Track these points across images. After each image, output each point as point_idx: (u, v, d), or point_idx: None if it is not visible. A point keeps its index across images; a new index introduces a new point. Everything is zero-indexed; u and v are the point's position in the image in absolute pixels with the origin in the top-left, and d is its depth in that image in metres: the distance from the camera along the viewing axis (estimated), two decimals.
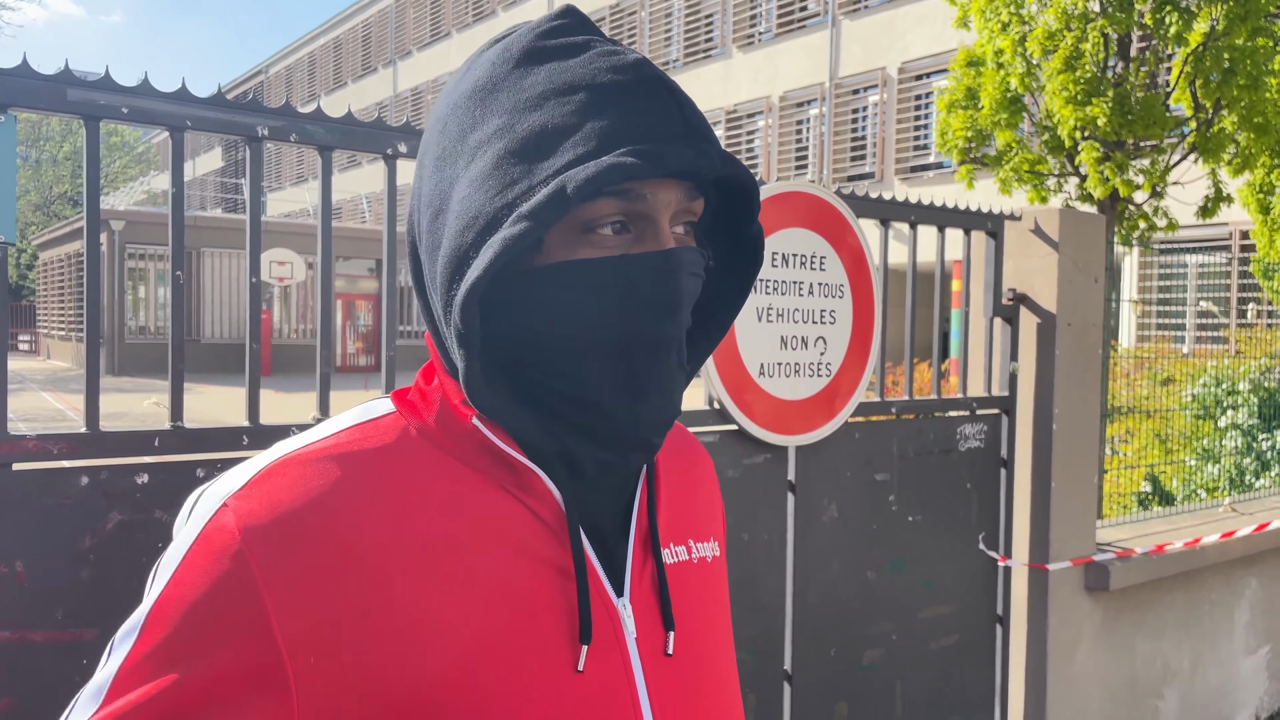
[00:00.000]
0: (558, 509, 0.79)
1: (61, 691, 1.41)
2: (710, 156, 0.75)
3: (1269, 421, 5.75)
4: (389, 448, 0.77)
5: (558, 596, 0.77)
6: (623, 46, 0.79)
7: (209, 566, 0.69)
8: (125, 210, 23.35)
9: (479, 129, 0.76)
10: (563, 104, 0.74)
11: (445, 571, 0.74)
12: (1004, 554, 2.97)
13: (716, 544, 0.94)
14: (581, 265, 0.76)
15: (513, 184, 0.73)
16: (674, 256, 0.77)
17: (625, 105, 0.74)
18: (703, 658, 0.86)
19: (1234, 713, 4.25)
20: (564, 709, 0.75)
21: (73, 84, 1.41)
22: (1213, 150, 7.76)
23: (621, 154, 0.71)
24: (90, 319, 1.50)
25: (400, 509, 0.74)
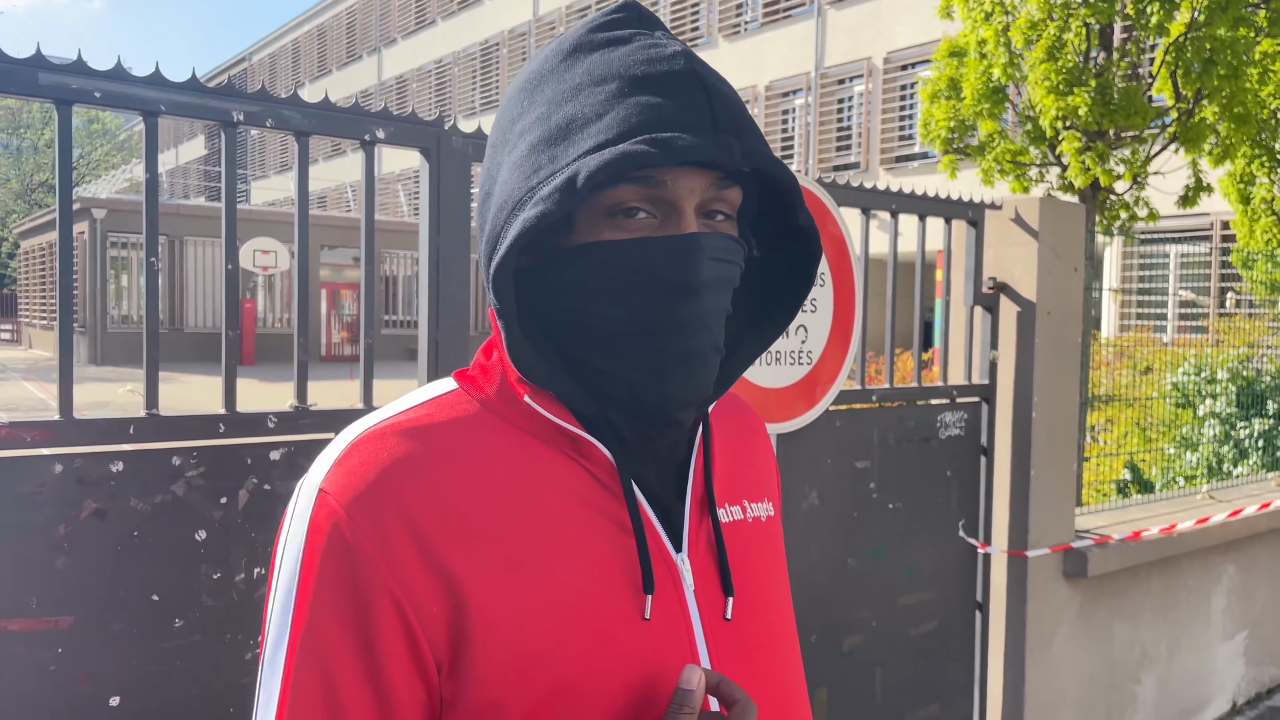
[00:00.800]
0: (612, 470, 0.84)
1: (37, 680, 1.41)
2: (730, 149, 0.77)
3: (1247, 410, 5.81)
4: (457, 419, 0.84)
5: (619, 550, 0.83)
6: (672, 39, 0.82)
7: (327, 553, 0.76)
8: (107, 199, 23.16)
9: (524, 118, 0.82)
10: (595, 94, 0.78)
11: (526, 521, 0.80)
12: (983, 541, 3.00)
13: (770, 504, 0.99)
14: (603, 247, 0.80)
15: (539, 169, 0.78)
16: (692, 241, 0.79)
17: (651, 95, 0.77)
18: (760, 616, 0.91)
19: (1211, 698, 4.30)
20: (633, 654, 0.81)
21: (44, 68, 1.40)
22: (1193, 140, 7.81)
23: (636, 142, 0.75)
24: (63, 304, 1.48)
25: (483, 464, 0.81)
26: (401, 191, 32.60)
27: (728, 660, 0.86)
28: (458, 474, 0.80)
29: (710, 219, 0.82)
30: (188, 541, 1.52)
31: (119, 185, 33.05)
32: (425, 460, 0.79)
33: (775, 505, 1.01)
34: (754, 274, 0.92)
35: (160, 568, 1.49)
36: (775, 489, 1.03)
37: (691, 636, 0.84)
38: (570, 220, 0.81)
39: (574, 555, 0.81)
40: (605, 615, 0.81)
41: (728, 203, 0.82)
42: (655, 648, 0.82)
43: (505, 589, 0.78)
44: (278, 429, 1.62)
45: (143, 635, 1.48)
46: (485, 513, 0.80)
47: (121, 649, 1.47)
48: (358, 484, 0.77)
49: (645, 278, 0.79)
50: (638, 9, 0.84)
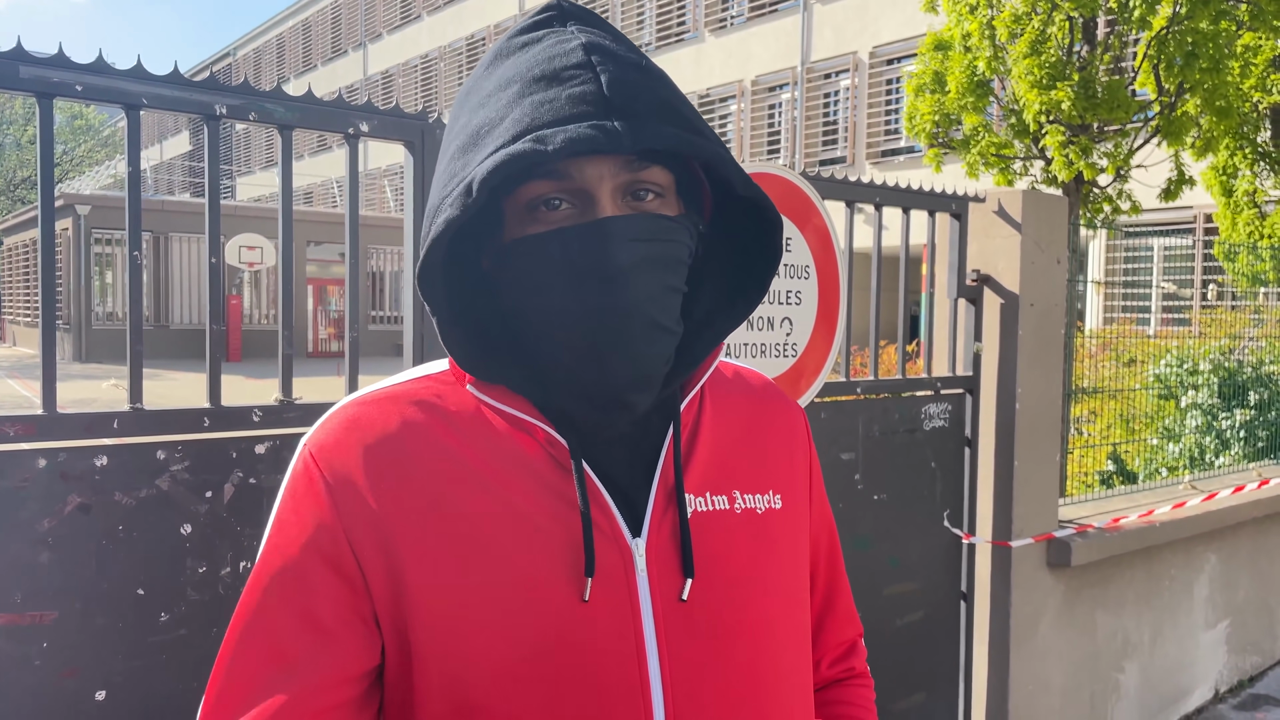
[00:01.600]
0: (565, 450, 0.86)
1: (22, 674, 1.40)
2: (617, 135, 0.76)
3: (1229, 401, 5.85)
4: (440, 394, 0.89)
5: (567, 530, 0.84)
6: (590, 29, 0.83)
7: (298, 492, 0.86)
8: (91, 194, 22.99)
9: (451, 129, 0.86)
10: (500, 98, 0.81)
11: (478, 497, 0.84)
12: (968, 531, 3.02)
13: (778, 496, 0.96)
14: (524, 241, 0.82)
15: (453, 177, 0.81)
16: (603, 226, 0.80)
17: (544, 91, 0.79)
18: (729, 607, 0.88)
19: (1193, 685, 4.34)
20: (566, 633, 0.82)
21: (25, 61, 1.39)
22: (1176, 133, 7.85)
23: (524, 141, 0.76)
24: (46, 300, 1.48)
25: (444, 441, 0.86)
26: (387, 186, 32.48)
27: (683, 644, 0.85)
28: (419, 445, 0.85)
29: (638, 199, 0.82)
30: (173, 535, 1.52)
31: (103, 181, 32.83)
32: (393, 428, 0.86)
33: (790, 496, 0.97)
34: (725, 250, 0.93)
35: (145, 562, 1.50)
36: (795, 480, 0.99)
37: (638, 622, 0.84)
38: (501, 218, 0.84)
39: (520, 531, 0.83)
40: (544, 595, 0.82)
41: (654, 182, 0.83)
42: (593, 631, 0.82)
43: (444, 561, 0.82)
44: (262, 423, 1.63)
45: (128, 629, 1.48)
46: (438, 485, 0.84)
47: (107, 643, 1.47)
48: (328, 440, 0.87)
49: (565, 267, 0.81)
50: (562, 7, 0.85)
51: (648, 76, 0.82)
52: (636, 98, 0.79)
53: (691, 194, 0.90)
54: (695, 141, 0.81)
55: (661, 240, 0.82)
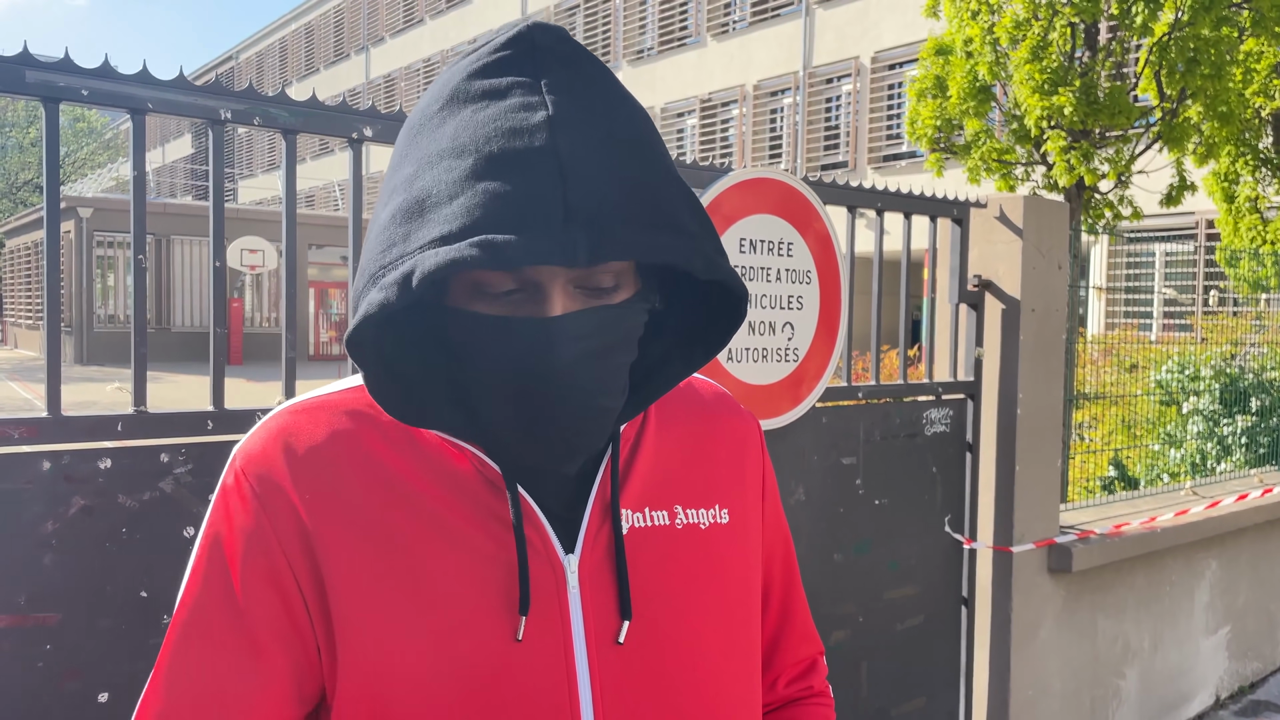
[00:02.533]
0: (498, 473, 0.84)
1: (25, 677, 1.41)
2: (573, 250, 0.70)
3: (1230, 407, 5.85)
4: (371, 407, 0.86)
5: (504, 550, 0.82)
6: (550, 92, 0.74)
7: (229, 505, 0.84)
8: (93, 198, 23.01)
9: (396, 171, 0.79)
10: (450, 169, 0.73)
11: (404, 509, 0.82)
12: (969, 536, 3.02)
13: (725, 510, 0.92)
14: (469, 317, 0.79)
15: (392, 246, 0.75)
16: (548, 327, 0.76)
17: (502, 181, 0.71)
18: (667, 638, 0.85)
19: (1194, 691, 4.34)
20: (498, 672, 0.80)
21: (31, 65, 1.40)
22: (1177, 139, 7.86)
23: (472, 244, 0.70)
24: (51, 302, 1.49)
25: (374, 453, 0.84)
26: None
27: (616, 689, 0.82)
28: (347, 454, 0.84)
29: (595, 292, 0.78)
30: (176, 538, 1.52)
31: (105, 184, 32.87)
32: (321, 438, 0.84)
33: (739, 511, 0.94)
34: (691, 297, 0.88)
35: (148, 564, 1.50)
36: (744, 494, 0.95)
37: (570, 661, 0.81)
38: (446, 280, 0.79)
39: (452, 553, 0.81)
40: (476, 628, 0.80)
41: (610, 273, 0.78)
42: (526, 670, 0.80)
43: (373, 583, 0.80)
44: None
45: (131, 632, 1.49)
46: (368, 500, 0.82)
47: (110, 645, 1.47)
48: (256, 451, 0.85)
49: (509, 356, 0.77)
50: (529, 43, 0.77)
51: (620, 154, 0.74)
52: (601, 197, 0.72)
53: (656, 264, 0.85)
54: (658, 244, 0.74)
55: (608, 332, 0.79)
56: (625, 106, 0.78)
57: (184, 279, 23.20)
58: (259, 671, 0.81)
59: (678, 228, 0.76)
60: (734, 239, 2.33)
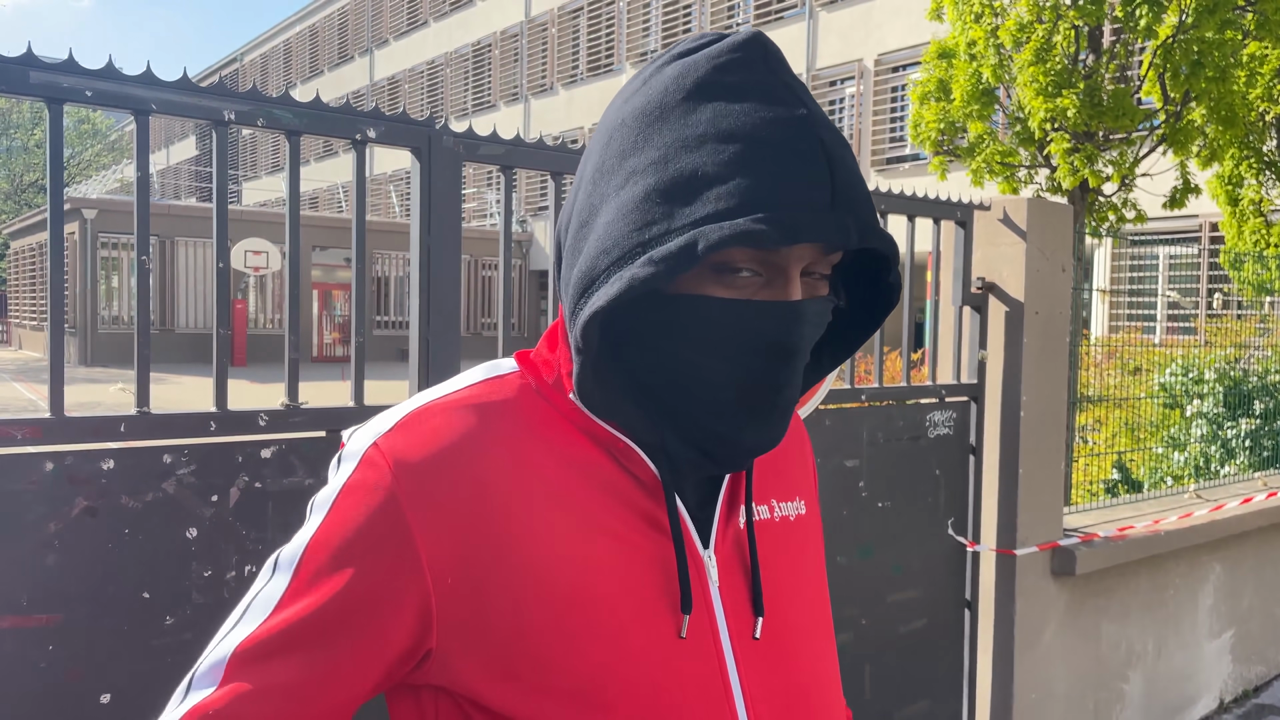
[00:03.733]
0: (653, 475, 0.84)
1: (27, 677, 1.41)
2: (847, 231, 0.76)
3: (1234, 410, 5.84)
4: (513, 400, 0.86)
5: (655, 551, 0.83)
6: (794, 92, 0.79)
7: (364, 497, 0.79)
8: (97, 199, 23.07)
9: (637, 155, 0.79)
10: (718, 151, 0.76)
11: (561, 512, 0.81)
12: (972, 539, 3.01)
13: (803, 502, 0.98)
14: (709, 303, 0.79)
15: (652, 223, 0.76)
16: (799, 309, 0.79)
17: (776, 165, 0.75)
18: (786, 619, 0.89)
19: (1198, 695, 4.32)
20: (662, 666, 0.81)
21: (35, 66, 1.40)
22: (1182, 142, 7.84)
23: (757, 220, 0.73)
24: (55, 303, 1.49)
25: (523, 454, 0.83)
26: (393, 192, 32.55)
27: (758, 678, 0.86)
28: (503, 457, 0.82)
29: (809, 278, 0.82)
30: (179, 539, 1.52)
31: (109, 185, 32.92)
32: (474, 439, 0.82)
33: (809, 502, 1.00)
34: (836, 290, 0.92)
35: (151, 565, 1.50)
36: (809, 486, 1.02)
37: (721, 653, 0.84)
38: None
39: (606, 553, 0.82)
40: (643, 626, 0.81)
41: (828, 264, 0.82)
42: (687, 666, 0.82)
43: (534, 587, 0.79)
44: (269, 427, 1.63)
45: (133, 633, 1.49)
46: (524, 497, 0.81)
47: (112, 646, 1.47)
48: (410, 449, 0.80)
49: (748, 338, 0.79)
50: (759, 48, 0.81)
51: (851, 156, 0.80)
52: (856, 187, 0.78)
53: None
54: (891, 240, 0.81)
55: (824, 324, 0.83)
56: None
57: (187, 280, 23.24)
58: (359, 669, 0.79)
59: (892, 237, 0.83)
60: None
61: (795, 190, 0.75)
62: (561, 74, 27.43)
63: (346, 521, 0.79)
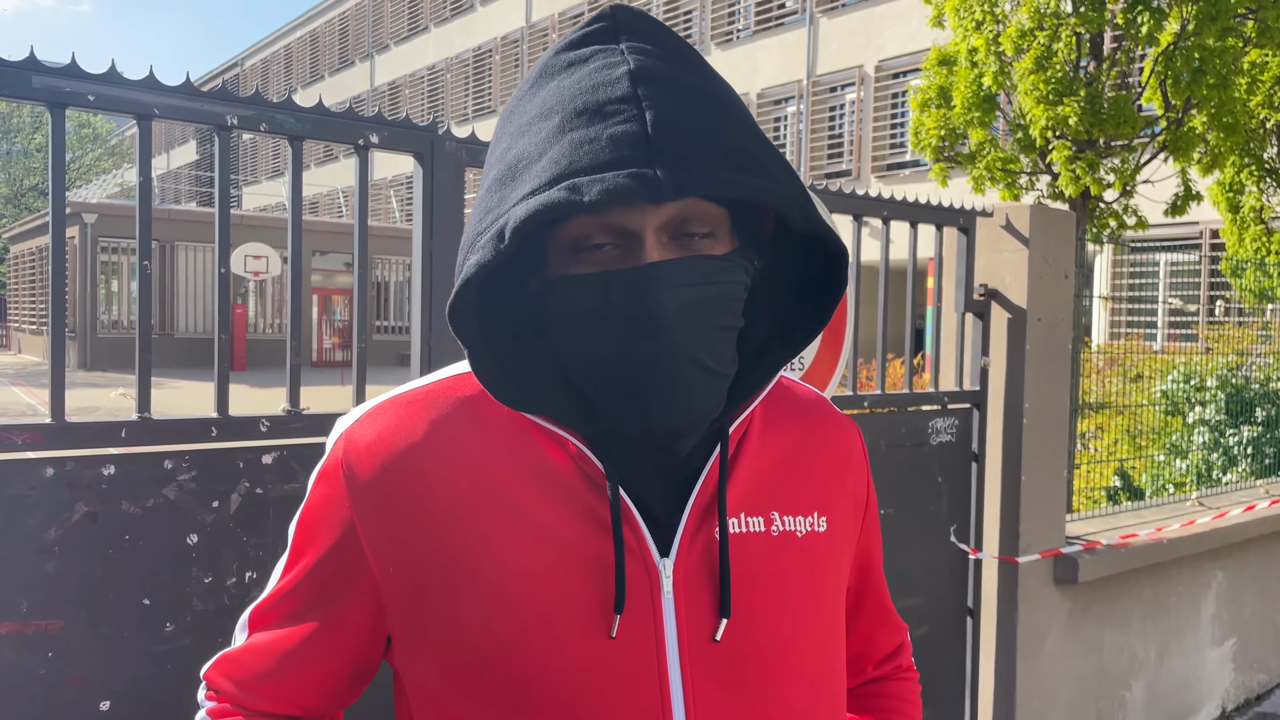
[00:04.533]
0: (600, 471, 0.83)
1: (26, 684, 1.40)
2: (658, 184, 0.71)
3: (1236, 417, 5.83)
4: (474, 398, 0.87)
5: (600, 551, 0.82)
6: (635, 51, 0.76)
7: (327, 484, 0.87)
8: (98, 203, 23.07)
9: (494, 148, 0.82)
10: (539, 130, 0.76)
11: (499, 512, 0.82)
12: (974, 547, 3.01)
13: (823, 518, 0.91)
14: (566, 282, 0.79)
15: (489, 211, 0.77)
16: (648, 273, 0.76)
17: (586, 129, 0.73)
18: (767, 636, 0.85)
19: (1200, 703, 4.31)
20: (591, 667, 0.80)
21: (38, 70, 1.40)
22: (1183, 149, 7.85)
23: (559, 189, 0.72)
24: (55, 307, 1.48)
25: (470, 453, 0.84)
26: (394, 197, 32.57)
27: (710, 686, 0.82)
28: (450, 447, 0.84)
29: (687, 239, 0.78)
30: (179, 545, 1.51)
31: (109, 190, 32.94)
32: (425, 436, 0.85)
33: (838, 518, 0.93)
34: (788, 275, 0.89)
35: (151, 571, 1.49)
36: (846, 501, 0.95)
37: (664, 660, 0.81)
38: (545, 252, 0.80)
39: (547, 551, 0.81)
40: (570, 623, 0.80)
41: (704, 220, 0.78)
42: (617, 667, 0.80)
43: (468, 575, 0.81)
44: (270, 433, 1.62)
45: (133, 639, 1.48)
46: (469, 487, 0.83)
47: (112, 653, 1.46)
48: (364, 443, 0.86)
49: (609, 313, 0.77)
50: (612, 15, 0.80)
51: (702, 103, 0.76)
52: (683, 137, 0.73)
53: (750, 222, 0.84)
54: (743, 183, 0.75)
55: (710, 283, 0.78)
56: (708, 72, 0.80)
57: (188, 285, 23.24)
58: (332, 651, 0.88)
59: (766, 174, 0.77)
60: None
61: (599, 149, 0.72)
62: None
63: (315, 505, 0.88)
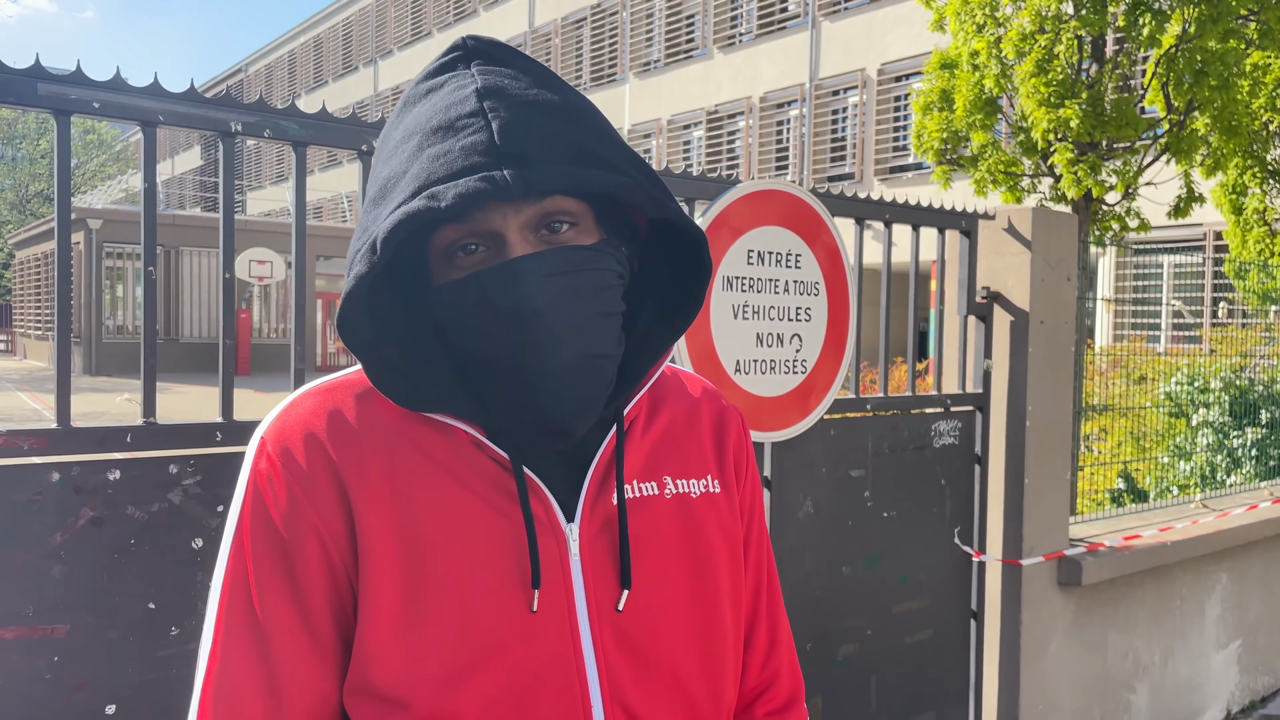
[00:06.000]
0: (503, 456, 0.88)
1: (33, 688, 1.41)
2: (506, 183, 0.77)
3: (1240, 419, 5.83)
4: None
5: (509, 528, 0.85)
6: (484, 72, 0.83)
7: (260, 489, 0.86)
8: (103, 209, 23.13)
9: (372, 177, 0.87)
10: (402, 151, 0.82)
11: (411, 493, 0.85)
12: (978, 549, 3.00)
13: (716, 480, 0.97)
14: (445, 289, 0.85)
15: (365, 230, 0.83)
16: (514, 266, 0.81)
17: (440, 143, 0.80)
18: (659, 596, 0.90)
19: (1205, 706, 4.30)
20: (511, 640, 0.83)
21: (43, 78, 1.41)
22: (1185, 151, 7.84)
23: (420, 199, 0.78)
24: (61, 313, 1.49)
25: (381, 437, 0.87)
26: None
27: (617, 655, 0.87)
28: (370, 432, 0.87)
29: (553, 232, 0.83)
30: (184, 549, 1.52)
31: (114, 196, 33.02)
32: (343, 414, 0.87)
33: (727, 481, 0.99)
34: (663, 266, 0.94)
35: (156, 576, 1.50)
36: (730, 465, 1.00)
37: (576, 629, 0.85)
38: (425, 262, 0.86)
39: (468, 524, 0.84)
40: (491, 598, 0.83)
41: (566, 212, 0.83)
42: (536, 640, 0.84)
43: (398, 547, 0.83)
44: None
45: (139, 643, 1.49)
46: (387, 466, 0.85)
47: (117, 657, 1.47)
48: (287, 432, 0.87)
49: (485, 310, 0.82)
50: (465, 44, 0.86)
51: (547, 114, 0.81)
52: (529, 140, 0.79)
53: (615, 216, 0.90)
54: (588, 177, 0.80)
55: (579, 271, 0.83)
56: (557, 85, 0.85)
57: (192, 290, 23.28)
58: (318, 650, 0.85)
59: (614, 168, 0.83)
60: (742, 251, 2.33)
61: (452, 160, 0.79)
62: None
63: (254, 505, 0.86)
